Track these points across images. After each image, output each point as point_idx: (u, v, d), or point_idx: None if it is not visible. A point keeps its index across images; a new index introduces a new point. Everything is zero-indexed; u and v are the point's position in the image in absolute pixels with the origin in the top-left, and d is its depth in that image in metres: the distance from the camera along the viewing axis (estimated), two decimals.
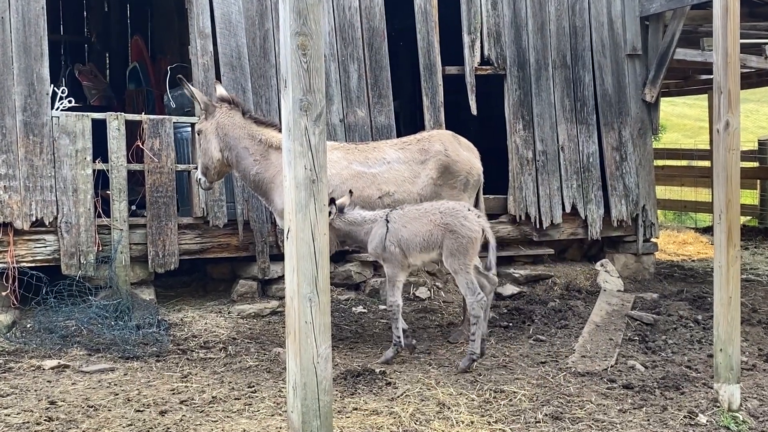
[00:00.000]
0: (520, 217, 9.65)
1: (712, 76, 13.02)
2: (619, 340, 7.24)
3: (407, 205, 6.87)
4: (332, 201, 6.62)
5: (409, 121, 12.40)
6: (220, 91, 7.52)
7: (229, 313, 8.17)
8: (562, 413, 5.31)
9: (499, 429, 5.02)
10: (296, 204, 4.28)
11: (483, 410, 5.38)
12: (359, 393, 5.71)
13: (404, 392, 5.69)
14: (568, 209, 9.88)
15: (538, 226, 9.74)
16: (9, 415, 5.25)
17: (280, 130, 7.25)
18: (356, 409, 5.33)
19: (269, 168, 7.12)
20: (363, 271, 8.93)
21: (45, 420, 5.14)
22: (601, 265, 10.03)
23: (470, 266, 6.53)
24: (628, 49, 10.21)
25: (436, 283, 9.20)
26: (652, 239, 10.49)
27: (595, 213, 10.00)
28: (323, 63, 4.20)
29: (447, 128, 8.77)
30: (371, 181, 7.22)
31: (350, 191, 6.85)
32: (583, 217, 9.96)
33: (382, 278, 9.09)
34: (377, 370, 6.13)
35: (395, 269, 6.66)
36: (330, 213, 6.52)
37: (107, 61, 14.84)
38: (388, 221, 6.67)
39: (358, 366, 6.27)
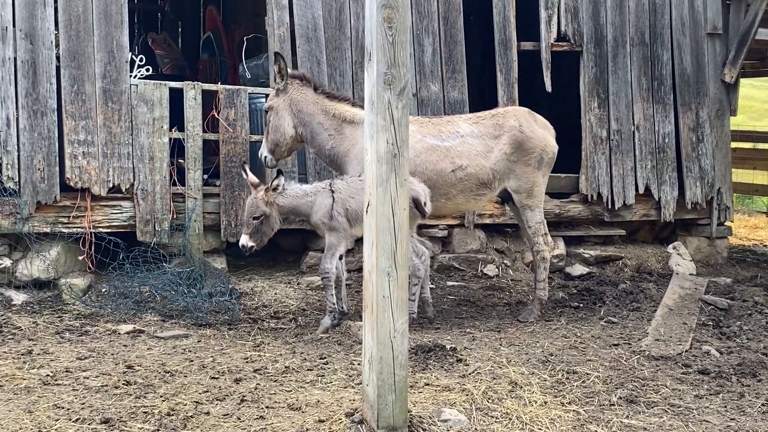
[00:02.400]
0: (592, 197, 9.51)
1: None
2: (693, 325, 7.11)
3: (347, 176, 6.94)
4: (280, 173, 6.77)
5: (477, 97, 12.24)
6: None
7: (298, 284, 8.22)
8: (636, 397, 5.23)
9: (573, 410, 4.96)
10: (377, 178, 4.26)
11: (556, 391, 5.32)
12: (430, 368, 5.69)
13: (475, 369, 5.66)
14: (641, 190, 9.70)
15: (609, 207, 9.58)
16: (88, 378, 5.36)
17: (352, 105, 7.27)
18: (428, 384, 5.32)
19: (343, 142, 7.13)
20: (431, 247, 8.89)
21: (123, 384, 5.23)
22: (674, 248, 9.84)
23: (414, 233, 6.86)
24: (708, 28, 9.94)
25: (505, 261, 9.13)
26: (726, 223, 10.26)
27: (668, 195, 9.80)
28: (408, 36, 4.17)
29: (518, 105, 8.66)
30: (444, 155, 7.19)
31: (279, 170, 6.85)
32: (657, 199, 9.77)
33: (451, 254, 9.06)
34: (448, 347, 6.11)
35: (339, 239, 6.80)
36: (276, 188, 6.68)
37: (180, 30, 14.97)
38: (333, 191, 6.77)
39: (429, 342, 6.26)
